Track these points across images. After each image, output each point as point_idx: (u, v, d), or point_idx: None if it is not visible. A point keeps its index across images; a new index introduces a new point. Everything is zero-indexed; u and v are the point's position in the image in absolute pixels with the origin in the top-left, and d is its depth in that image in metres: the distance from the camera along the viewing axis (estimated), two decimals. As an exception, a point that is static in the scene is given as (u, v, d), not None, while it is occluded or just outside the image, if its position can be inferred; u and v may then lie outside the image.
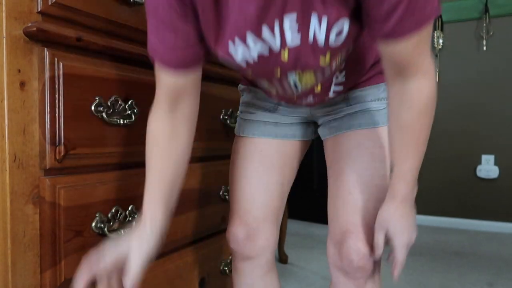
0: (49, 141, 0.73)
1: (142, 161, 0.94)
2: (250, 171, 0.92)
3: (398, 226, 0.73)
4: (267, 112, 0.94)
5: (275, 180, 0.92)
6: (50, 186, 0.73)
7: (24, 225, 0.70)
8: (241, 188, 0.92)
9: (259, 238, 0.91)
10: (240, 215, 0.91)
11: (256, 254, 0.91)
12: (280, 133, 0.94)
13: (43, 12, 0.71)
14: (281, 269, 2.03)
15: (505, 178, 2.81)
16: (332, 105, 0.89)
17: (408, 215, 0.74)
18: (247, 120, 0.96)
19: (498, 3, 2.78)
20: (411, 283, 1.84)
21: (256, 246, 0.91)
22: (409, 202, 0.74)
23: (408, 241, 0.74)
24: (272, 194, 0.92)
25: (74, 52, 0.77)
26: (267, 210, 0.91)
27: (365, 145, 0.83)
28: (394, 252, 0.74)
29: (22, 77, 0.69)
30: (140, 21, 0.91)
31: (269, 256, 0.94)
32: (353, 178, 0.81)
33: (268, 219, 0.92)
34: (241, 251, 0.91)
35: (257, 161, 0.92)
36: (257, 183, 0.91)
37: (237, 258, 0.94)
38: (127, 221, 0.88)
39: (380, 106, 0.85)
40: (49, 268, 0.74)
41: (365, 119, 0.84)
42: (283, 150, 0.94)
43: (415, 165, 0.70)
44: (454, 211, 2.96)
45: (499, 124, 2.82)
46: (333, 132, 0.89)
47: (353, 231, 0.79)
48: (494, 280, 1.89)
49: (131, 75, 0.89)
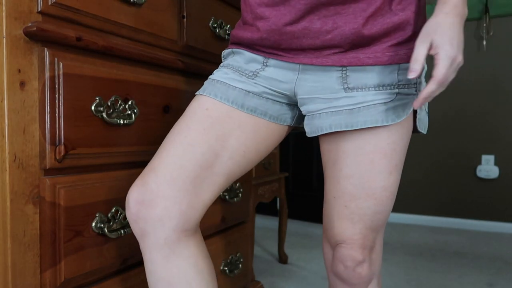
0: (49, 141, 0.73)
1: (142, 161, 0.94)
2: (181, 127, 0.74)
3: (447, 35, 0.64)
4: (244, 77, 0.78)
5: (207, 143, 0.72)
6: (50, 186, 0.73)
7: (24, 225, 0.70)
8: (163, 145, 0.74)
9: (156, 205, 0.69)
10: (144, 173, 0.72)
11: (150, 226, 0.69)
12: (249, 104, 0.77)
13: (43, 12, 0.71)
14: (281, 269, 2.03)
15: (505, 178, 2.81)
16: (325, 88, 0.75)
17: (460, 28, 0.65)
18: (214, 81, 0.79)
19: (498, 3, 2.78)
20: (411, 283, 1.84)
21: (151, 214, 0.68)
22: (461, 16, 0.66)
23: (455, 54, 0.64)
24: (194, 157, 0.71)
25: (74, 52, 0.77)
26: (177, 172, 0.70)
27: (364, 150, 0.74)
28: (435, 66, 0.64)
29: (22, 77, 0.69)
30: (140, 21, 0.91)
31: (170, 235, 0.69)
32: (349, 189, 0.76)
33: (176, 185, 0.70)
34: (135, 219, 0.70)
35: (195, 119, 0.74)
36: (181, 139, 0.72)
37: (135, 233, 0.72)
38: (127, 221, 0.88)
39: (385, 98, 0.72)
40: (49, 268, 0.74)
41: (368, 116, 0.72)
42: (238, 118, 0.76)
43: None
44: (454, 211, 2.96)
45: (499, 124, 2.82)
46: (330, 129, 0.75)
47: (348, 242, 0.77)
48: (494, 280, 1.89)
49: (131, 75, 0.89)
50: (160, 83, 0.97)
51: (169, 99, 1.00)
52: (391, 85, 0.73)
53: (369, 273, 0.79)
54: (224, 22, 1.19)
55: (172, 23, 1.01)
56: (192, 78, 1.09)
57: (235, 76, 0.79)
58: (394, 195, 0.78)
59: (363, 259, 0.77)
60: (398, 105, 0.73)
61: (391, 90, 0.73)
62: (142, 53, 0.89)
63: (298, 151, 3.18)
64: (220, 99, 0.76)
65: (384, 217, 0.78)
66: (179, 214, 0.70)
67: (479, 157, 2.89)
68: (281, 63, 0.77)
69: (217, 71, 0.82)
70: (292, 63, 0.76)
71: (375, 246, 0.79)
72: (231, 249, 1.27)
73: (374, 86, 0.73)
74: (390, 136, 0.74)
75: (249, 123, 0.77)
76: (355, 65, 0.73)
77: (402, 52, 0.73)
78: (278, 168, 2.06)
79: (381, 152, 0.74)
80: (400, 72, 0.73)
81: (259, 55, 0.79)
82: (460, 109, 2.93)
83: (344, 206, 0.76)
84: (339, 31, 0.71)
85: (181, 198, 0.70)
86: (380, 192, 0.75)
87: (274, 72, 0.78)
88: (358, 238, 0.76)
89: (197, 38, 1.10)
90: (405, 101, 0.74)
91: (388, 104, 0.72)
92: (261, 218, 3.25)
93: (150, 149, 0.95)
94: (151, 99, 0.94)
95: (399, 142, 0.75)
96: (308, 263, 2.12)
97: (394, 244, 2.48)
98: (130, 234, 0.89)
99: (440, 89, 0.65)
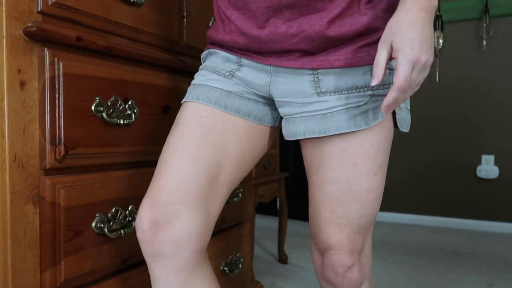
0: (49, 141, 0.73)
1: (141, 161, 0.94)
2: (178, 140, 0.72)
3: (407, 35, 0.59)
4: (222, 77, 0.77)
5: (209, 155, 0.71)
6: (50, 186, 0.73)
7: (24, 225, 0.70)
8: (163, 159, 0.71)
9: (172, 227, 0.66)
10: (154, 192, 0.68)
11: (168, 250, 0.66)
12: (232, 105, 0.75)
13: (43, 12, 0.71)
14: (281, 269, 2.03)
15: (505, 178, 2.81)
16: (299, 92, 0.73)
17: (424, 25, 0.60)
18: (195, 85, 0.78)
19: (498, 3, 2.78)
20: (410, 283, 1.84)
21: (168, 238, 0.66)
22: (426, 9, 0.60)
23: (417, 56, 0.59)
24: (200, 172, 0.69)
25: (74, 52, 0.77)
26: (188, 192, 0.68)
27: (347, 153, 0.72)
28: (395, 72, 0.60)
29: (22, 77, 0.69)
30: (140, 21, 0.91)
31: (189, 257, 0.67)
32: (335, 194, 0.74)
33: (189, 206, 0.68)
34: (149, 241, 0.67)
35: (190, 129, 0.72)
36: (183, 154, 0.70)
37: (145, 254, 0.69)
38: (127, 221, 0.88)
39: (359, 101, 0.70)
40: (49, 268, 0.74)
41: (342, 121, 0.70)
42: (233, 125, 0.75)
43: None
44: (454, 211, 2.96)
45: (499, 124, 2.82)
46: (304, 135, 0.74)
47: (337, 248, 0.76)
48: (494, 280, 1.89)
49: (131, 75, 0.89)
50: (160, 83, 0.97)
51: (169, 99, 1.00)
52: (364, 87, 0.70)
53: (360, 277, 0.78)
54: (224, 22, 1.19)
55: (172, 23, 1.01)
56: (192, 78, 1.09)
57: (213, 77, 0.77)
58: (380, 196, 0.76)
59: (353, 263, 0.76)
60: (372, 107, 0.71)
61: (364, 92, 0.70)
62: (142, 53, 0.89)
63: (298, 151, 3.18)
64: (202, 101, 0.74)
65: (371, 219, 0.77)
66: (196, 235, 0.68)
67: (479, 157, 2.88)
68: (254, 63, 0.76)
69: (197, 75, 0.81)
70: (263, 64, 0.74)
71: (364, 249, 0.79)
72: (231, 249, 1.27)
73: (347, 89, 0.70)
74: (372, 137, 0.72)
75: (242, 127, 0.76)
76: (325, 68, 0.70)
77: (373, 53, 0.69)
78: (278, 168, 2.06)
79: (365, 154, 0.72)
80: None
81: (233, 55, 0.78)
82: (460, 109, 2.93)
83: (330, 211, 0.75)
84: (304, 34, 0.69)
85: (197, 218, 0.68)
86: (366, 194, 0.73)
87: (248, 72, 0.76)
88: (346, 243, 0.75)
89: (197, 38, 1.10)
90: (380, 102, 0.71)
91: (362, 107, 0.70)
92: (261, 218, 3.25)
93: (150, 149, 0.95)
94: (151, 99, 0.94)
95: (382, 142, 0.73)
96: (308, 263, 2.12)
97: (394, 244, 2.48)
98: (130, 234, 0.89)
99: (405, 95, 0.61)
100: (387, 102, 0.61)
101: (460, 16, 2.90)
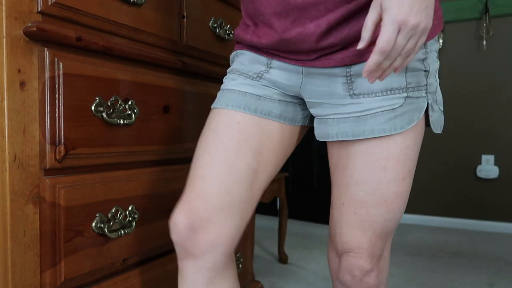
0: (49, 141, 0.73)
1: (141, 160, 0.94)
2: (216, 145, 0.72)
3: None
4: (249, 79, 0.76)
5: (246, 163, 0.72)
6: (50, 186, 0.73)
7: (24, 225, 0.70)
8: (201, 165, 0.72)
9: (207, 232, 0.69)
10: (190, 198, 0.71)
11: (200, 251, 0.70)
12: (263, 109, 0.74)
13: (43, 12, 0.71)
14: (281, 269, 2.03)
15: (505, 178, 2.81)
16: (331, 93, 0.72)
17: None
18: (225, 90, 0.78)
19: (498, 3, 2.78)
20: (411, 283, 1.84)
21: (202, 241, 0.70)
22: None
23: (403, 17, 0.54)
24: (238, 181, 0.71)
25: (74, 52, 0.77)
26: (225, 199, 0.70)
27: (376, 156, 0.70)
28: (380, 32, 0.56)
29: (22, 77, 0.69)
30: (140, 21, 0.91)
31: (219, 259, 0.71)
32: (360, 196, 0.72)
33: (226, 211, 0.70)
34: (183, 244, 0.71)
35: (229, 135, 0.72)
36: (221, 161, 0.71)
37: (178, 253, 0.74)
38: (127, 221, 0.88)
39: (394, 104, 0.68)
40: (49, 268, 0.74)
41: (377, 124, 0.68)
42: (267, 129, 0.75)
43: None
44: (454, 211, 2.96)
45: (499, 124, 2.82)
46: (336, 137, 0.73)
47: (357, 251, 0.74)
48: (494, 280, 1.89)
49: (131, 75, 0.89)
50: (160, 83, 0.97)
51: (169, 99, 1.00)
52: (399, 89, 0.68)
53: (377, 282, 0.76)
54: (224, 22, 1.19)
55: (172, 23, 1.01)
56: (192, 78, 1.09)
57: (241, 80, 0.77)
58: (406, 202, 0.74)
59: (371, 268, 0.74)
60: (408, 110, 0.68)
61: (399, 94, 0.68)
62: (142, 53, 0.89)
63: (298, 151, 3.18)
64: (232, 107, 0.74)
65: (394, 224, 0.75)
66: (228, 239, 0.71)
67: (479, 157, 2.88)
68: (285, 65, 0.75)
69: (225, 79, 0.81)
70: (295, 65, 0.73)
71: (383, 254, 0.77)
72: (231, 249, 1.27)
73: (381, 91, 0.68)
74: (404, 141, 0.69)
75: (275, 130, 0.76)
76: (358, 63, 0.68)
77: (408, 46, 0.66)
78: (278, 168, 2.06)
79: (394, 158, 0.70)
80: (408, 74, 0.69)
81: (263, 56, 0.77)
82: (460, 109, 2.93)
83: (353, 213, 0.73)
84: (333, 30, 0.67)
85: (230, 224, 0.71)
86: (393, 199, 0.71)
87: (278, 74, 0.75)
88: (367, 247, 0.73)
89: (197, 38, 1.10)
90: (415, 105, 0.69)
91: (397, 110, 0.68)
92: (261, 218, 3.25)
93: (150, 149, 0.95)
94: (151, 99, 0.94)
95: (412, 146, 0.71)
96: (308, 263, 2.12)
97: (394, 244, 2.48)
98: (130, 234, 0.89)
99: (390, 61, 0.57)
100: (368, 67, 0.57)
101: (460, 16, 2.90)
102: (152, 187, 0.96)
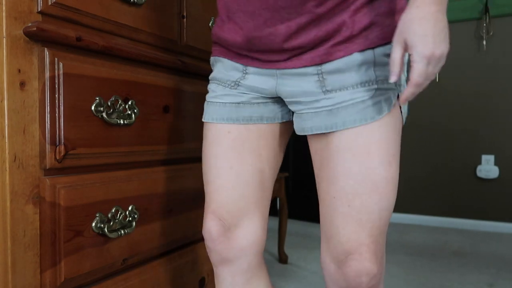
0: (49, 141, 0.73)
1: (141, 160, 0.94)
2: (219, 158, 0.78)
3: (419, 31, 0.60)
4: (228, 88, 0.79)
5: (250, 166, 0.78)
6: (50, 186, 0.73)
7: (24, 225, 0.70)
8: (212, 179, 0.79)
9: (237, 237, 0.77)
10: (213, 209, 0.78)
11: (234, 256, 0.77)
12: (244, 115, 0.78)
13: (43, 12, 0.71)
14: (281, 269, 2.03)
15: (505, 178, 2.81)
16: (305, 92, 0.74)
17: (436, 19, 0.60)
18: (208, 103, 0.82)
19: (498, 3, 2.78)
20: (411, 283, 1.84)
21: (234, 246, 0.77)
22: (436, 3, 0.60)
23: (430, 52, 0.60)
24: (248, 183, 0.78)
25: (74, 52, 0.77)
26: (244, 203, 0.77)
27: (358, 143, 0.69)
28: (411, 68, 0.62)
29: (22, 77, 0.69)
30: (140, 21, 0.91)
31: (252, 260, 0.78)
32: (350, 185, 0.69)
33: (247, 214, 0.78)
34: (218, 250, 0.78)
35: (225, 145, 0.78)
36: (228, 171, 0.77)
37: (214, 260, 0.80)
38: (127, 221, 0.88)
39: (364, 95, 0.69)
40: (49, 268, 0.74)
41: (346, 116, 0.70)
42: (257, 130, 0.80)
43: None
44: (454, 211, 2.96)
45: (499, 124, 2.82)
46: (311, 131, 0.74)
47: (359, 251, 0.68)
48: (494, 280, 1.89)
49: (131, 75, 0.89)
50: (160, 83, 0.97)
51: (169, 99, 1.00)
52: (369, 82, 0.70)
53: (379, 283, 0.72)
54: (224, 22, 1.19)
55: (172, 23, 1.01)
56: (192, 78, 1.09)
57: (221, 91, 0.81)
58: (396, 189, 0.72)
59: (378, 270, 0.69)
60: (378, 101, 0.70)
61: (369, 86, 0.70)
62: (142, 53, 0.89)
63: (298, 151, 3.18)
64: (217, 120, 0.79)
65: (388, 215, 0.72)
66: (256, 239, 0.79)
67: (479, 157, 2.88)
68: (259, 70, 0.77)
69: (209, 87, 0.84)
70: (270, 69, 0.75)
71: (383, 256, 0.72)
72: (231, 249, 1.27)
73: (352, 85, 0.70)
74: (381, 126, 0.70)
75: (266, 129, 0.80)
76: (328, 61, 0.70)
77: (372, 36, 0.69)
78: (278, 168, 2.06)
79: (376, 142, 0.69)
80: (376, 68, 0.70)
81: (239, 63, 0.78)
82: (460, 109, 2.93)
83: (347, 206, 0.69)
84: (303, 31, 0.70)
85: (255, 225, 0.79)
86: (384, 185, 0.69)
87: (254, 79, 0.77)
88: (368, 243, 0.68)
89: (197, 38, 1.10)
90: (386, 95, 0.70)
91: (367, 101, 0.69)
92: (261, 218, 3.25)
93: (150, 149, 0.95)
94: (151, 99, 0.95)
95: (392, 130, 0.71)
96: (308, 263, 2.12)
97: (394, 244, 2.48)
98: (130, 234, 0.89)
99: (420, 89, 0.64)
100: (406, 97, 0.64)
101: (460, 16, 2.90)
102: (152, 187, 0.96)
